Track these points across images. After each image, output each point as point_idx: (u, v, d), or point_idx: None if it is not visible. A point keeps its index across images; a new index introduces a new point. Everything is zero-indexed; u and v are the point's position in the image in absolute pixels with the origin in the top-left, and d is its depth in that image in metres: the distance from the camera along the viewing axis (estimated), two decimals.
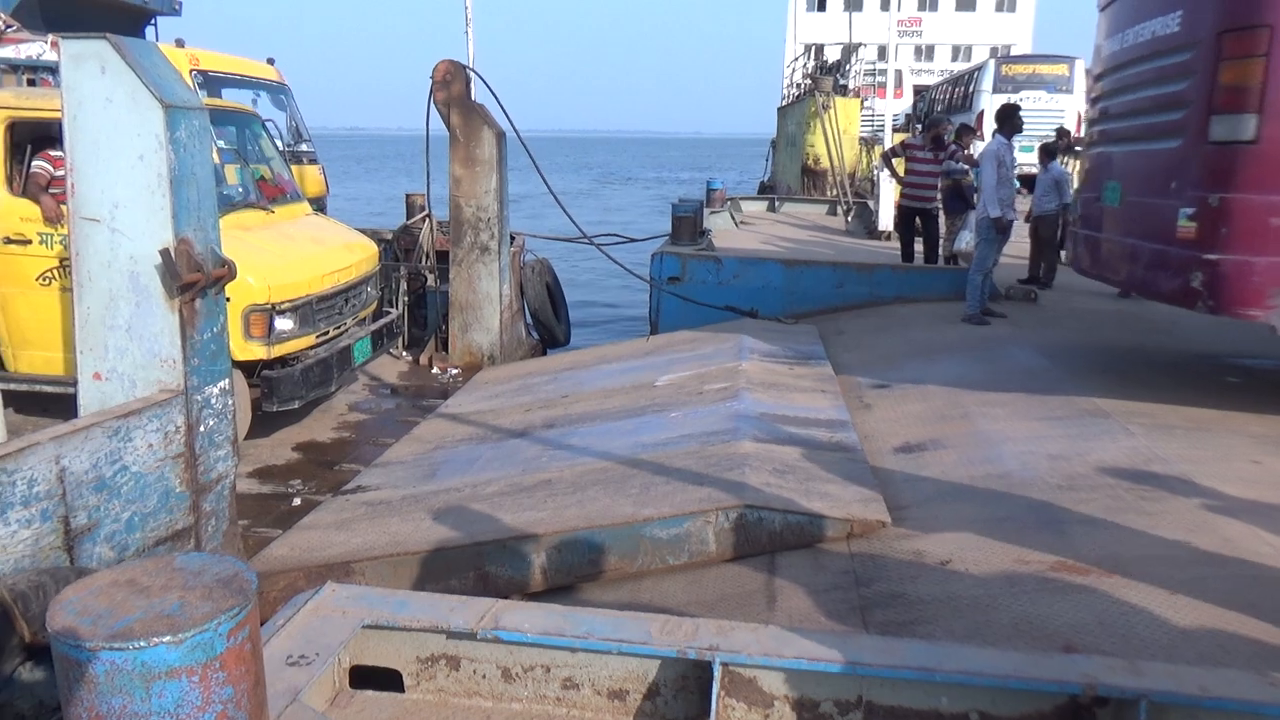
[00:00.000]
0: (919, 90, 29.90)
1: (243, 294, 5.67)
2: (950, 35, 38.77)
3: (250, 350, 5.83)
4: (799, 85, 22.67)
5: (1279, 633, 2.90)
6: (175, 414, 3.71)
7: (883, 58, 17.42)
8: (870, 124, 22.13)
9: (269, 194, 7.05)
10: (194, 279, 3.68)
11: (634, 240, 11.45)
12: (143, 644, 1.28)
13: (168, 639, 1.29)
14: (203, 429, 3.87)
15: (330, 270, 6.50)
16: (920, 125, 19.70)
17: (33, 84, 6.84)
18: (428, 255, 9.48)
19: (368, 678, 2.32)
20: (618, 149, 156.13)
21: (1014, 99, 18.28)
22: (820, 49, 24.87)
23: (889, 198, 12.54)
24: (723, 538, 4.12)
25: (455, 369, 8.55)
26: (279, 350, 5.98)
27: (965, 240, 9.96)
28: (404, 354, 9.01)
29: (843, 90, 19.61)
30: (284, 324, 5.97)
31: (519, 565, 4.22)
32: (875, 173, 14.63)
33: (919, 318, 8.41)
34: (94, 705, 1.29)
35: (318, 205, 9.25)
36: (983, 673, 2.12)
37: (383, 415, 7.51)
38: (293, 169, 8.33)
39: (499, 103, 8.67)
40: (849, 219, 15.09)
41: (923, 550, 3.84)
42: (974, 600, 3.37)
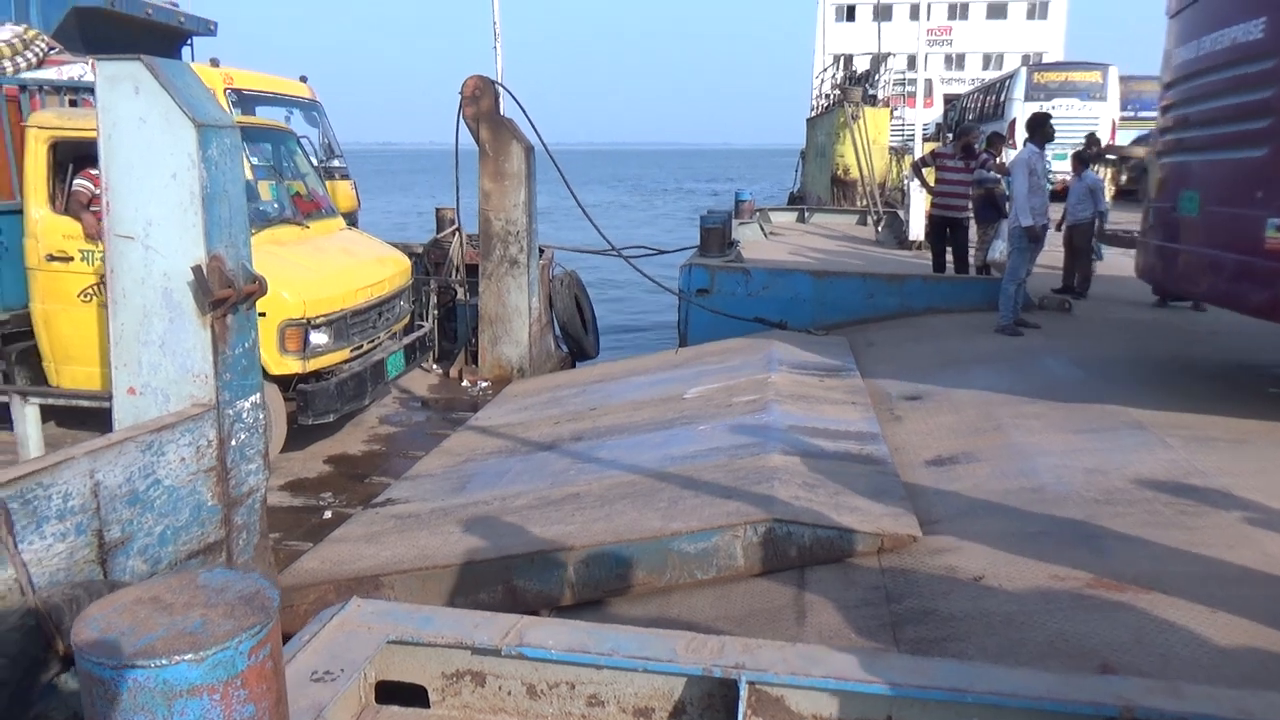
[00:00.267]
0: (949, 99, 29.71)
1: (278, 308, 5.74)
2: (981, 43, 38.53)
3: (286, 364, 5.88)
4: (828, 96, 22.60)
5: None
6: (207, 428, 3.75)
7: (912, 67, 17.30)
8: (900, 133, 22.01)
9: (304, 209, 7.13)
10: (225, 295, 3.72)
11: (662, 252, 11.46)
12: (164, 662, 1.28)
13: (189, 657, 1.29)
14: (234, 443, 3.90)
15: (364, 284, 6.56)
16: (951, 134, 19.56)
17: (74, 104, 6.98)
18: (457, 269, 9.55)
19: (393, 693, 2.32)
20: (649, 161, 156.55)
21: (1046, 107, 18.18)
22: (849, 59, 24.77)
23: (919, 207, 12.44)
24: (751, 552, 4.08)
25: (485, 382, 8.59)
26: (314, 364, 6.03)
27: (998, 250, 9.86)
28: (434, 367, 9.07)
29: (872, 100, 19.52)
30: (319, 338, 6.02)
31: (547, 579, 4.21)
32: (905, 182, 14.53)
33: (951, 329, 8.32)
34: None
35: (349, 220, 9.35)
36: (1015, 694, 2.07)
37: (413, 428, 7.55)
38: (325, 184, 8.43)
39: (527, 117, 8.73)
40: (879, 229, 14.99)
41: (955, 565, 3.78)
42: (1007, 617, 3.31)
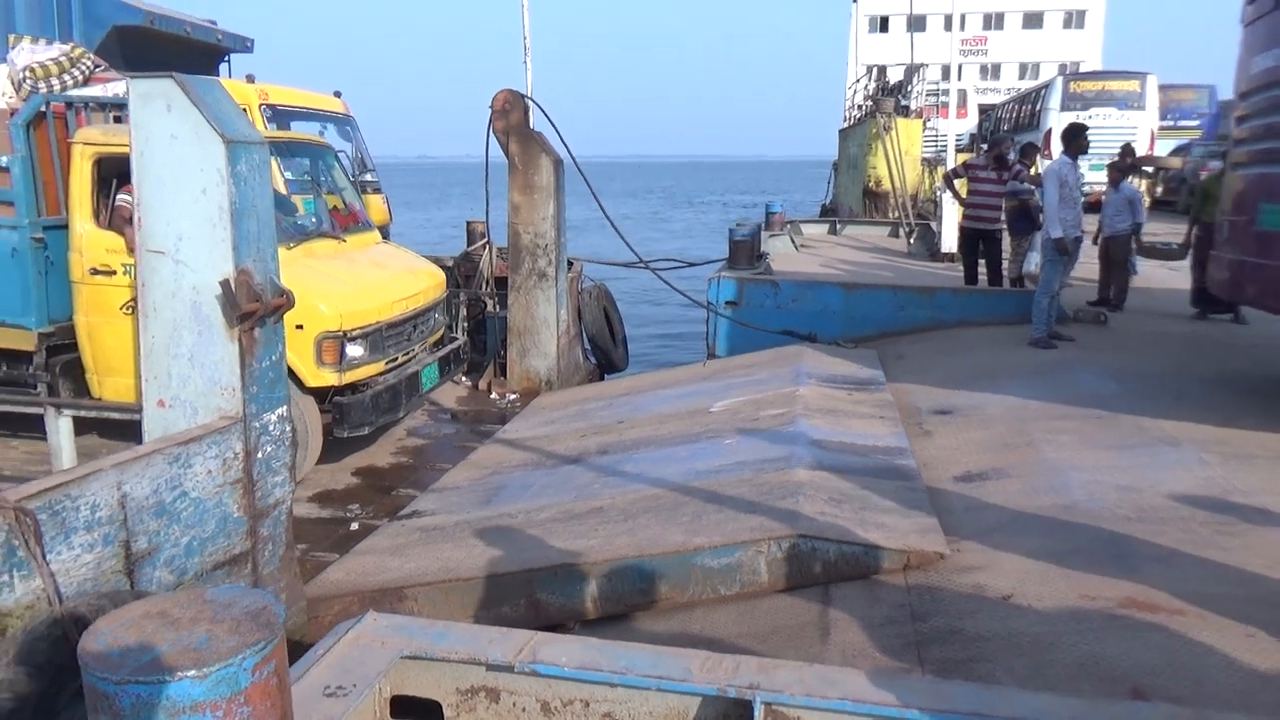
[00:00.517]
0: (984, 109, 29.44)
1: (315, 321, 5.79)
2: (1017, 53, 38.16)
3: (322, 376, 5.92)
4: (860, 107, 22.51)
5: None
6: (234, 440, 3.79)
7: (947, 77, 17.16)
8: (934, 144, 21.86)
9: (341, 223, 7.19)
10: (252, 309, 3.76)
11: (691, 264, 11.44)
12: (168, 678, 1.29)
13: (192, 673, 1.29)
14: (260, 455, 3.94)
15: (399, 297, 6.59)
16: (984, 145, 19.38)
17: (119, 121, 7.11)
18: (488, 281, 9.61)
19: (408, 708, 2.32)
20: (682, 173, 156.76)
21: (1083, 116, 17.94)
22: (882, 70, 24.69)
23: (952, 219, 12.32)
24: (775, 568, 4.04)
25: (513, 394, 8.61)
26: (350, 376, 6.06)
27: (1033, 262, 9.72)
28: (464, 379, 9.11)
29: (905, 111, 19.40)
30: (355, 350, 6.04)
31: (570, 593, 4.20)
32: (938, 194, 14.41)
33: (982, 342, 8.21)
34: None
35: (381, 233, 9.45)
36: None
37: (441, 440, 7.59)
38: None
39: (556, 131, 8.78)
40: (911, 241, 14.87)
41: (983, 584, 3.71)
42: (1036, 638, 3.24)
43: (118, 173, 5.92)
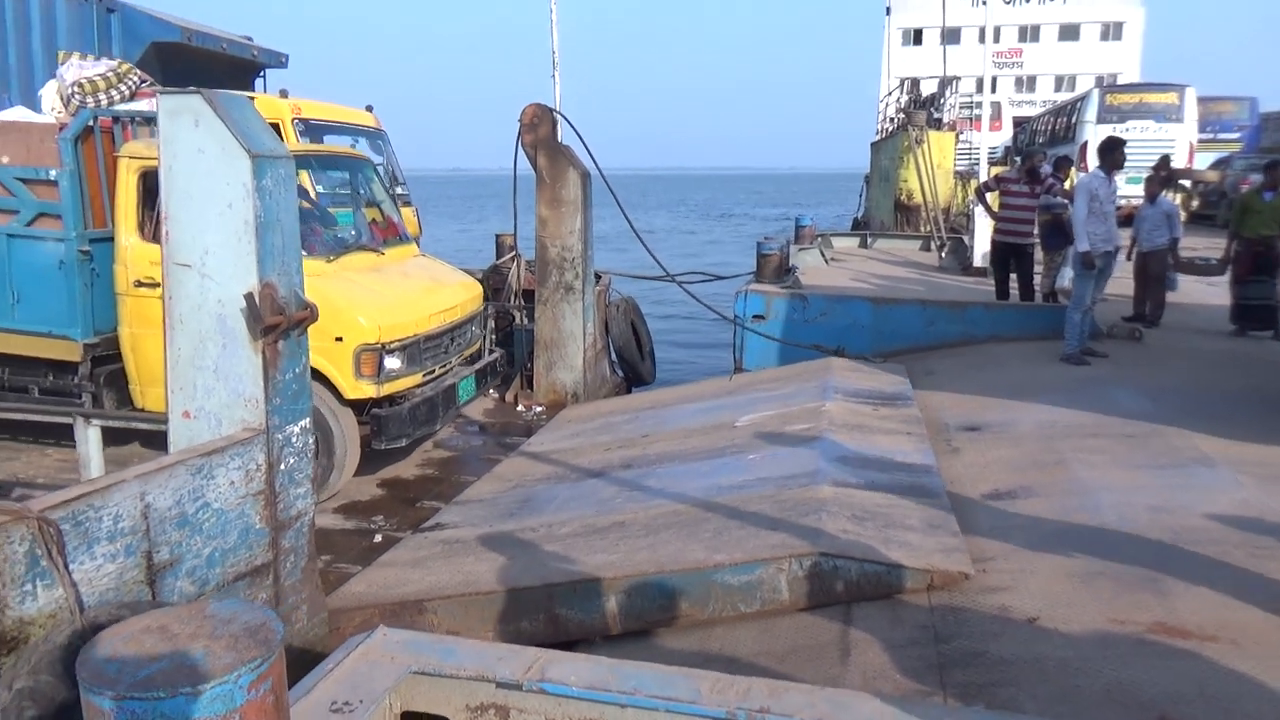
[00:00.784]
0: (1019, 122, 29.14)
1: (354, 334, 5.81)
2: (1053, 65, 37.72)
3: (360, 389, 5.92)
4: (892, 119, 22.38)
5: None
6: (257, 452, 3.82)
7: (981, 90, 17.01)
8: (967, 157, 21.65)
9: (380, 236, 7.21)
10: (276, 321, 3.80)
11: (719, 278, 11.41)
12: (162, 694, 1.28)
13: (187, 690, 1.29)
14: (283, 467, 3.97)
15: (437, 310, 6.60)
16: (1018, 158, 19.17)
17: None
18: (516, 294, 9.64)
19: None
20: (715, 186, 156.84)
21: (1120, 129, 17.68)
22: (915, 82, 24.50)
23: (984, 233, 12.18)
24: (796, 586, 3.99)
25: (539, 407, 8.62)
26: (388, 389, 6.05)
27: (1066, 277, 9.57)
28: (491, 391, 9.14)
29: (937, 124, 19.25)
30: (393, 363, 6.05)
31: (589, 608, 4.18)
32: (970, 207, 14.26)
33: (1013, 357, 8.09)
34: None
35: None
36: None
37: (467, 452, 7.61)
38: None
39: (584, 144, 8.81)
40: (943, 255, 14.72)
41: (1008, 605, 3.64)
42: (1062, 662, 3.16)
43: None
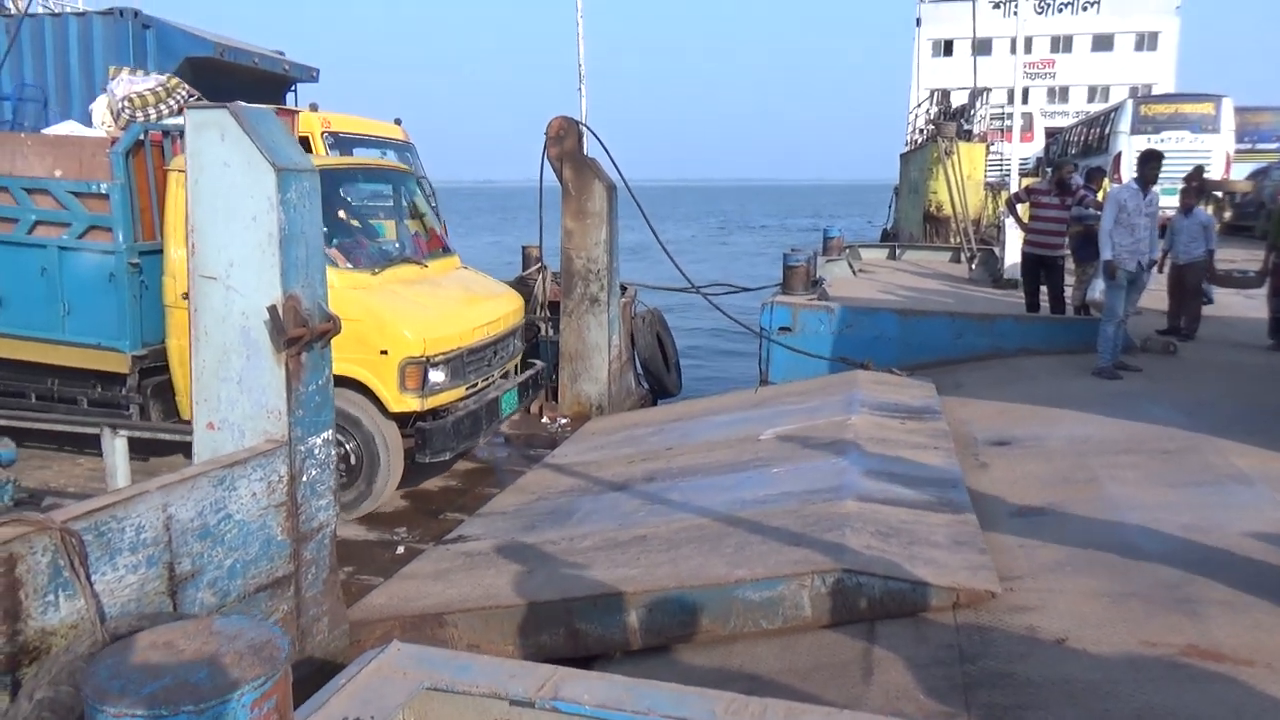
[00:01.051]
0: (1051, 133, 28.84)
1: (400, 346, 5.81)
2: (1086, 76, 37.36)
3: (405, 402, 5.91)
4: (922, 131, 22.23)
5: None
6: (279, 464, 3.83)
7: (1012, 101, 16.84)
8: (998, 168, 21.45)
9: (423, 248, 7.20)
10: (299, 334, 3.82)
11: (745, 290, 11.37)
12: (165, 712, 1.28)
13: (189, 708, 1.28)
14: (305, 479, 3.98)
15: (480, 323, 6.57)
16: (1049, 169, 18.97)
17: None
18: (542, 306, 9.65)
19: None
20: (742, 197, 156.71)
21: (1154, 140, 17.44)
22: (946, 93, 24.34)
23: (1015, 245, 12.04)
24: (819, 603, 3.94)
25: (564, 419, 8.62)
26: (432, 402, 6.04)
27: (1097, 289, 9.42)
28: None
29: (967, 135, 19.09)
30: (437, 376, 6.03)
31: (609, 623, 4.15)
32: (1001, 218, 14.11)
33: (1043, 371, 7.98)
34: None
35: None
36: None
37: (491, 464, 7.62)
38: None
39: (610, 156, 8.82)
40: (973, 267, 14.57)
41: (1036, 625, 3.57)
42: (1091, 685, 3.09)
43: None
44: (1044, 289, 9.74)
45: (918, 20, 37.54)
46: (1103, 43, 37.51)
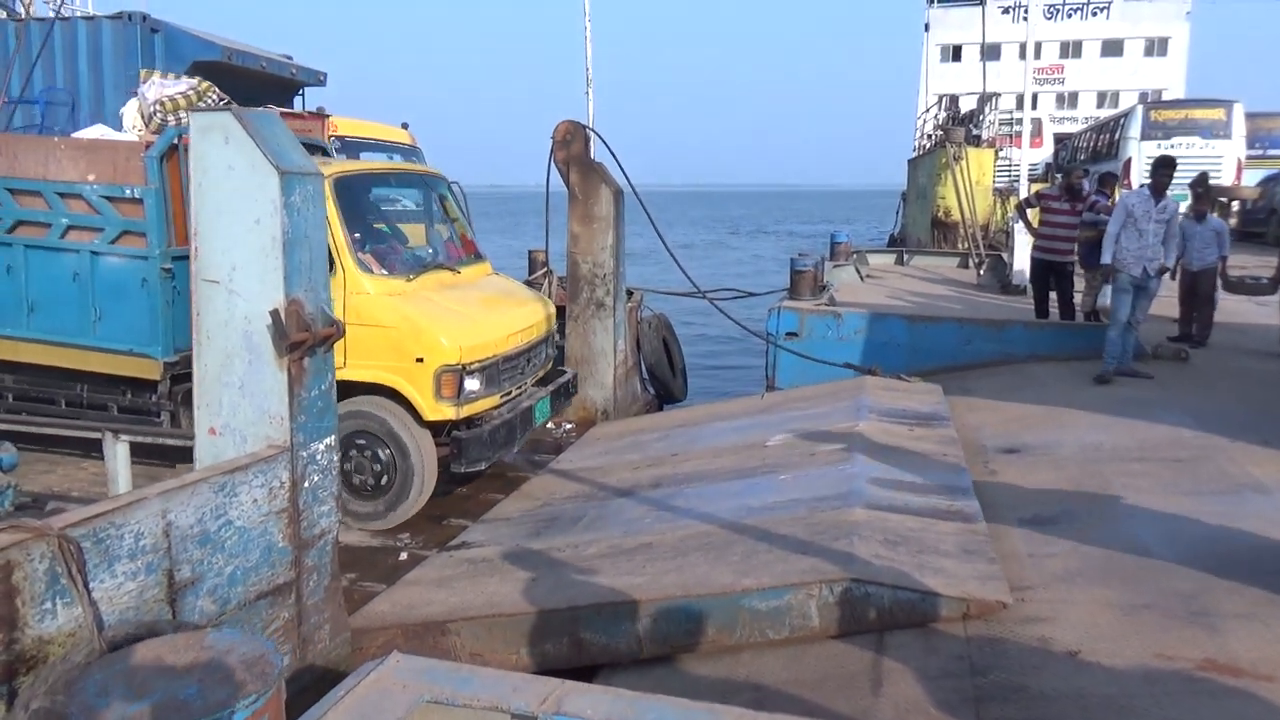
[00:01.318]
0: (1060, 138, 28.74)
1: (436, 354, 5.69)
2: (1095, 82, 37.21)
3: (440, 410, 5.78)
4: (930, 136, 22.17)
5: None
6: (280, 470, 3.79)
7: (1021, 106, 16.77)
8: (1006, 174, 21.37)
9: (454, 254, 7.07)
10: (301, 338, 3.78)
11: (752, 294, 11.32)
12: None
13: None
14: (307, 485, 3.94)
15: (514, 330, 6.45)
16: (1059, 175, 18.89)
17: None
18: None
19: None
20: (750, 202, 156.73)
21: (1165, 145, 17.34)
22: (954, 99, 24.27)
23: (1024, 250, 11.97)
24: (826, 612, 3.88)
25: (569, 424, 8.57)
26: (467, 410, 5.91)
27: (1108, 295, 9.36)
28: None
29: (976, 140, 19.03)
30: (472, 384, 5.90)
31: (614, 633, 4.10)
32: (1010, 224, 14.03)
33: (1054, 377, 7.90)
34: None
35: None
36: None
37: (495, 470, 7.55)
38: None
39: (617, 161, 8.78)
40: (981, 272, 14.49)
41: (1049, 637, 3.50)
42: (1106, 700, 3.03)
43: None
44: (1054, 295, 9.66)
45: (926, 25, 37.45)
46: (1112, 48, 37.35)
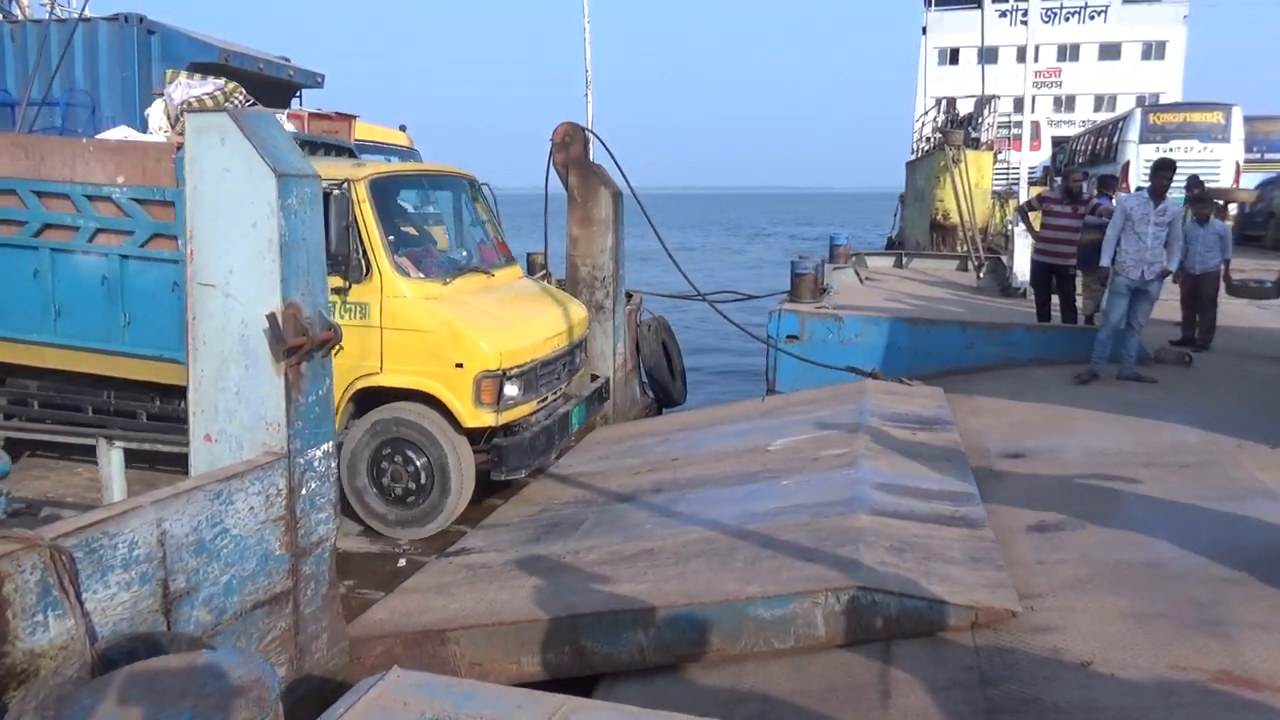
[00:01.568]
0: (1057, 142, 28.74)
1: (476, 360, 5.57)
2: (1092, 85, 37.27)
3: (480, 417, 5.65)
4: (929, 139, 22.13)
5: None
6: (277, 477, 3.72)
7: (1018, 109, 16.75)
8: (1005, 177, 21.35)
9: (488, 257, 6.96)
10: (299, 343, 3.71)
11: (752, 297, 11.25)
12: None
13: None
14: (304, 492, 3.87)
15: (551, 334, 6.33)
16: (1058, 178, 18.85)
17: None
18: None
19: None
20: (746, 205, 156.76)
21: (1163, 149, 17.32)
22: (952, 102, 24.26)
23: (1024, 253, 11.92)
24: (832, 621, 3.82)
25: None
26: (506, 417, 5.80)
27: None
28: None
29: (975, 143, 18.98)
30: (511, 390, 5.79)
31: (616, 641, 4.04)
32: (1009, 227, 13.99)
33: (1057, 381, 7.85)
34: None
35: None
36: None
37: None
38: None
39: (616, 163, 8.72)
40: (980, 275, 14.45)
41: (1060, 647, 3.45)
42: (1120, 713, 2.97)
43: None
44: (1055, 299, 9.62)
45: (923, 29, 37.47)
46: (1110, 52, 37.41)
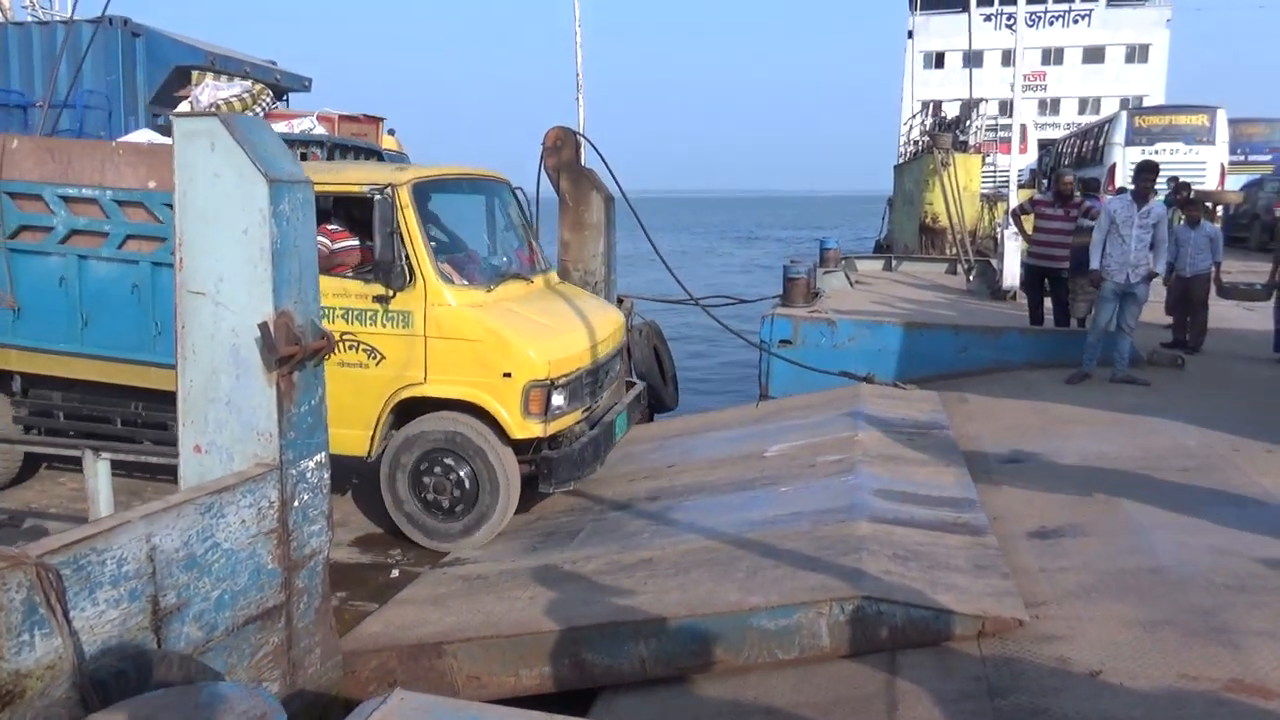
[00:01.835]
0: (1043, 144, 28.88)
1: (524, 369, 5.38)
2: (1076, 88, 37.50)
3: (528, 428, 5.44)
4: (917, 142, 22.17)
5: None
6: (269, 489, 3.64)
7: (1005, 112, 16.83)
8: (992, 180, 21.42)
9: (526, 262, 6.75)
10: (291, 352, 3.63)
11: (744, 301, 11.22)
12: None
13: None
14: (297, 504, 3.79)
15: (595, 342, 6.15)
16: (1046, 181, 18.93)
17: (304, 158, 6.84)
18: None
19: None
20: (734, 208, 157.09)
21: (1149, 151, 17.41)
22: (938, 105, 24.33)
23: (1014, 256, 11.92)
24: (837, 632, 3.77)
25: None
26: (554, 427, 5.62)
27: None
28: None
29: (963, 146, 19.02)
30: (559, 400, 5.60)
31: (617, 653, 3.97)
32: (999, 230, 13.99)
33: (1051, 385, 7.84)
34: None
35: None
36: None
37: None
38: None
39: (608, 167, 8.66)
40: (970, 278, 14.44)
41: (1067, 657, 3.40)
42: None
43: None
44: (1048, 302, 9.61)
45: (909, 33, 37.63)
46: (1093, 55, 37.66)
